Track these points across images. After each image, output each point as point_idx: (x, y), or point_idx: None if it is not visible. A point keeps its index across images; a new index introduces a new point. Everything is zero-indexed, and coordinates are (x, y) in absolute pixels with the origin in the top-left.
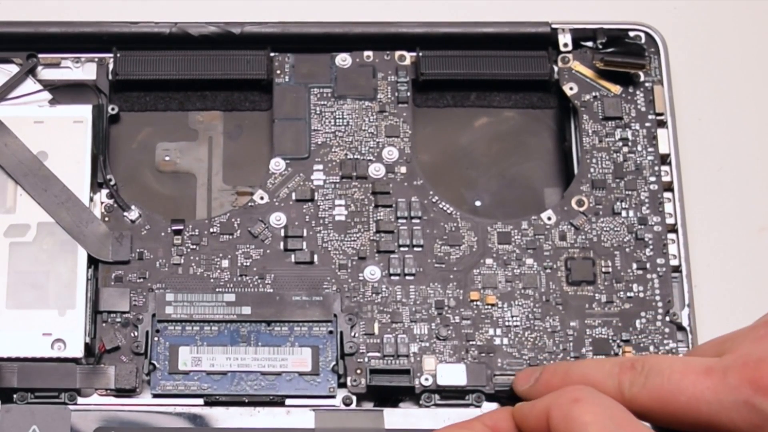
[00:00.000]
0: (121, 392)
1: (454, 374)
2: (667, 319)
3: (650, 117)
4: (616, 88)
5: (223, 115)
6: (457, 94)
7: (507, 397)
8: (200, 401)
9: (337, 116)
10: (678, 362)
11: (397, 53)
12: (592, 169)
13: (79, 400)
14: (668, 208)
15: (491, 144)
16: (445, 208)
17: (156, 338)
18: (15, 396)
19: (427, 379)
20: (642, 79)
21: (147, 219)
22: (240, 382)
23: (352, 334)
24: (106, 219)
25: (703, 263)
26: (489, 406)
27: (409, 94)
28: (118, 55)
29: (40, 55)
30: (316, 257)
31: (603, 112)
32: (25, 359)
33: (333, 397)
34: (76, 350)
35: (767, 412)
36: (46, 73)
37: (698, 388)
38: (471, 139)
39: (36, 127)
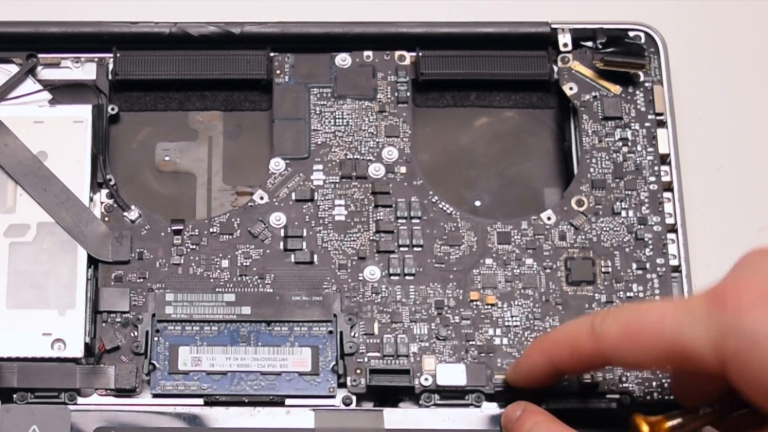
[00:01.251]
0: (121, 392)
1: (453, 374)
2: None
3: (650, 117)
4: (616, 88)
5: (223, 115)
6: (457, 94)
7: (507, 397)
8: (200, 401)
9: (337, 116)
10: (645, 301)
11: (397, 53)
12: (591, 169)
13: (79, 400)
14: (668, 208)
15: (491, 144)
16: (445, 208)
17: (156, 338)
18: (15, 396)
19: (426, 379)
20: (642, 79)
21: (147, 219)
22: (240, 382)
23: (352, 334)
24: (106, 219)
25: (703, 263)
26: (489, 406)
27: (409, 94)
28: (118, 55)
29: (40, 55)
30: (316, 257)
31: (603, 112)
32: (25, 359)
33: (333, 397)
34: (76, 350)
35: (724, 322)
36: (46, 73)
37: (661, 311)
38: (471, 139)
39: (36, 127)
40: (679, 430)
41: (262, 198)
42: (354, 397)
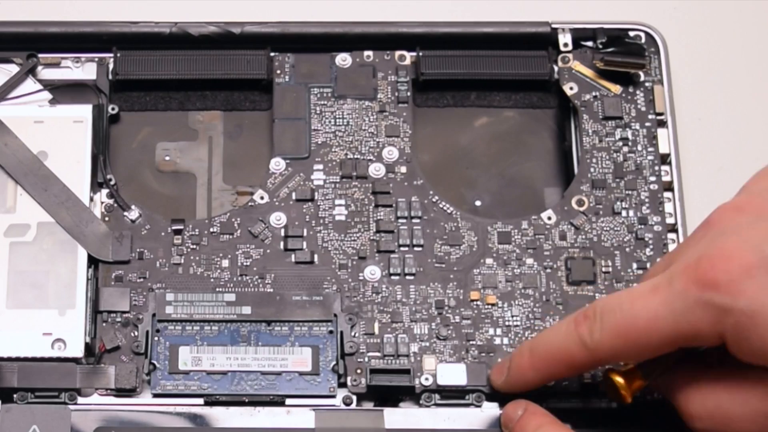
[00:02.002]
0: (121, 392)
1: (454, 374)
2: None
3: (650, 117)
4: (616, 88)
5: (223, 115)
6: (457, 93)
7: (507, 396)
8: (200, 401)
9: (337, 116)
10: (625, 294)
11: (397, 53)
12: (592, 169)
13: (79, 399)
14: (668, 207)
15: (491, 144)
16: (445, 208)
17: (156, 338)
18: (15, 396)
19: (427, 379)
20: (642, 78)
21: (147, 219)
22: (240, 382)
23: (352, 333)
24: (106, 219)
25: None
26: (489, 406)
27: (409, 93)
28: (118, 55)
29: (40, 55)
30: (316, 257)
31: (603, 111)
32: (25, 359)
33: (333, 396)
34: (77, 350)
35: (719, 304)
36: (46, 73)
37: (650, 307)
38: (471, 138)
39: (36, 127)
40: (650, 377)
41: (262, 198)
42: (354, 397)
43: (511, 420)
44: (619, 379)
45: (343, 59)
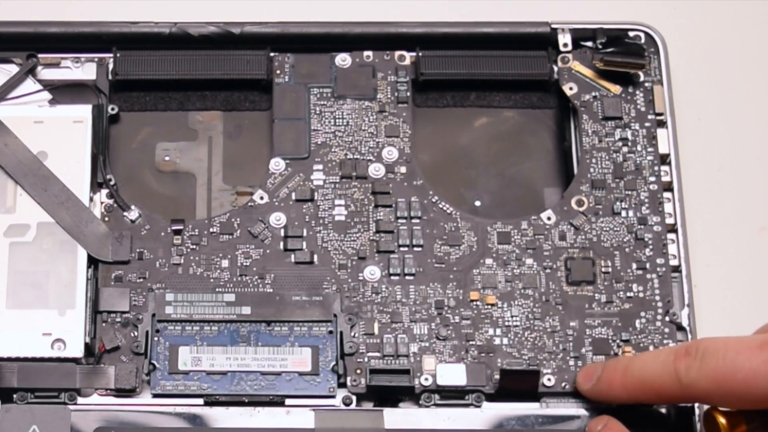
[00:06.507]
0: (121, 392)
1: (453, 374)
2: (667, 319)
3: (650, 117)
4: (616, 88)
5: (223, 115)
6: (457, 94)
7: (507, 397)
8: (200, 401)
9: (337, 116)
10: (732, 341)
11: (397, 53)
12: (591, 169)
13: (79, 400)
14: (668, 208)
15: (491, 144)
16: (445, 208)
17: (156, 338)
18: (15, 396)
19: (426, 379)
20: (642, 79)
21: (147, 219)
22: (240, 382)
23: (352, 334)
24: (106, 219)
25: (703, 263)
26: (489, 406)
27: (409, 94)
28: (118, 55)
29: (40, 55)
30: (316, 257)
31: (603, 112)
32: (25, 359)
33: (333, 397)
34: (76, 350)
35: None
36: (46, 73)
37: (753, 363)
38: (471, 139)
39: (36, 127)
40: (753, 424)
41: (262, 198)
42: (354, 397)
43: None
44: (723, 420)
45: (343, 59)
